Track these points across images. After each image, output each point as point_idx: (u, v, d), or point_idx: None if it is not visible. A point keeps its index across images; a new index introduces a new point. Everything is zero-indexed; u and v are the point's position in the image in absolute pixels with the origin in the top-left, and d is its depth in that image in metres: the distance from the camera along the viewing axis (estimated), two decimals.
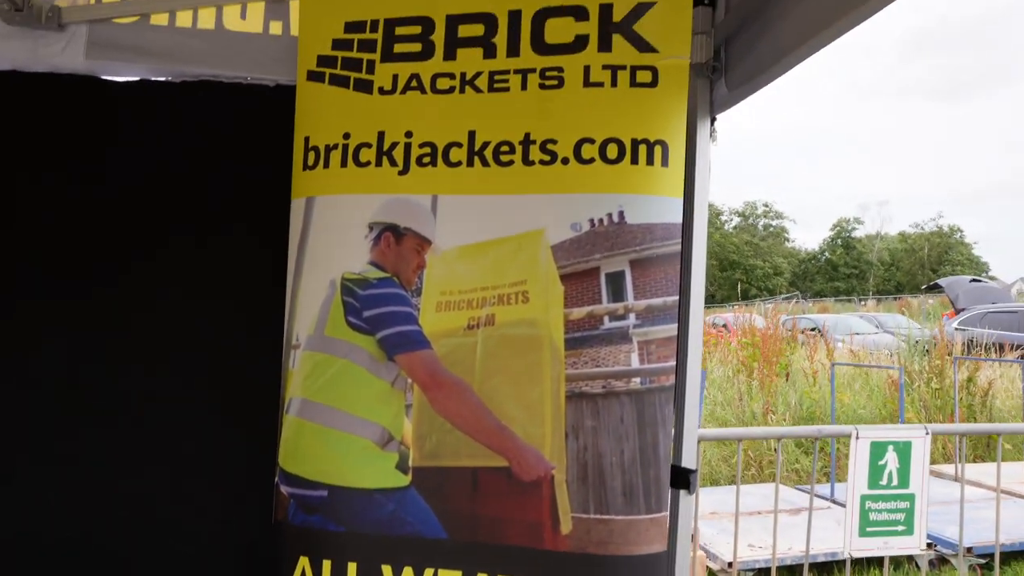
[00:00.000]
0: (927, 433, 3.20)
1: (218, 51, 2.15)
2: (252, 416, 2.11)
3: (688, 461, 2.13)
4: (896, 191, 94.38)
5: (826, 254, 56.76)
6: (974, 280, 19.84)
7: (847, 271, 54.48)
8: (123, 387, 2.12)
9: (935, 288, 22.59)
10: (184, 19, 2.15)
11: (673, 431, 1.88)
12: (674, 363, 1.83)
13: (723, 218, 59.28)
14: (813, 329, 19.57)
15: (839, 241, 56.50)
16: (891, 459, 3.17)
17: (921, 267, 52.52)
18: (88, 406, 2.11)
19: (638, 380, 1.79)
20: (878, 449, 3.16)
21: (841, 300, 42.28)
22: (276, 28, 2.16)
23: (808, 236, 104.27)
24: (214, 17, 2.15)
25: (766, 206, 60.54)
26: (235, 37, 2.15)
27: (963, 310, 16.66)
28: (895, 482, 3.18)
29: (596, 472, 1.80)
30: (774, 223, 60.17)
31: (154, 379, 2.13)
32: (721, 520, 5.87)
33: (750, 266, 53.28)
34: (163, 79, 2.18)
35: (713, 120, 2.15)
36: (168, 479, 2.12)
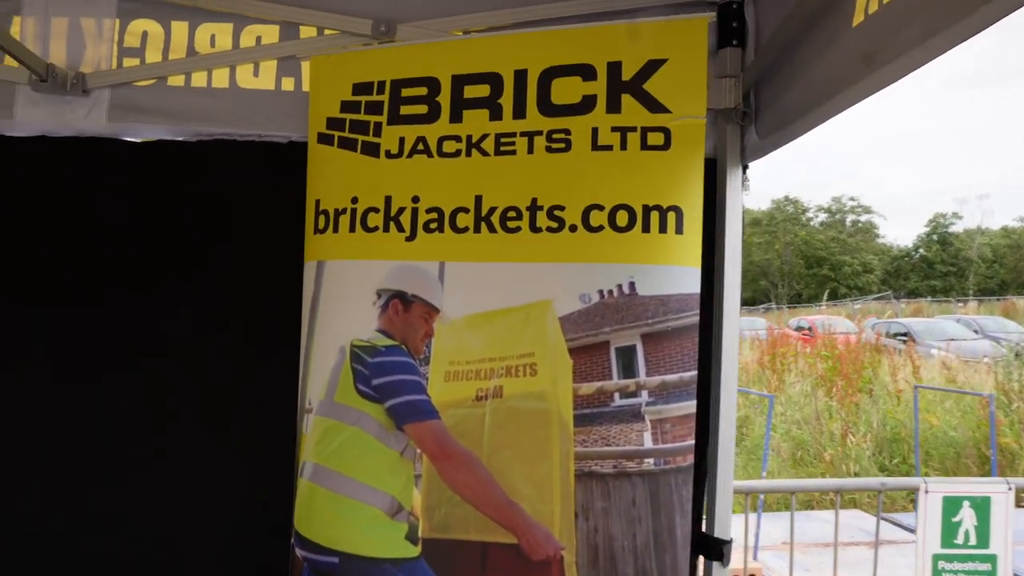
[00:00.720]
0: (1009, 488, 2.95)
1: (232, 109, 2.19)
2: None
3: (721, 531, 2.05)
4: (997, 184, 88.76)
5: (921, 251, 53.96)
6: None
7: (944, 269, 51.64)
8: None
9: None
10: (199, 79, 2.20)
11: (692, 512, 1.80)
12: (691, 443, 1.75)
13: (808, 215, 57.24)
14: (904, 334, 18.67)
15: (935, 237, 53.64)
16: (967, 516, 2.94)
17: None
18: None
19: (651, 461, 1.72)
20: (951, 505, 2.93)
21: (938, 300, 40.13)
22: (288, 84, 2.20)
23: (900, 233, 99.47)
24: (228, 76, 2.20)
25: (853, 200, 58.13)
26: (248, 95, 2.20)
27: None
28: (973, 541, 2.95)
29: (607, 556, 1.74)
30: (862, 218, 57.65)
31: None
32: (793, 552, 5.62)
33: (837, 262, 51.28)
34: (180, 139, 2.22)
35: (745, 168, 2.05)
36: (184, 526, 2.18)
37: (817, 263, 51.56)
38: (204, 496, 2.15)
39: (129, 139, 2.24)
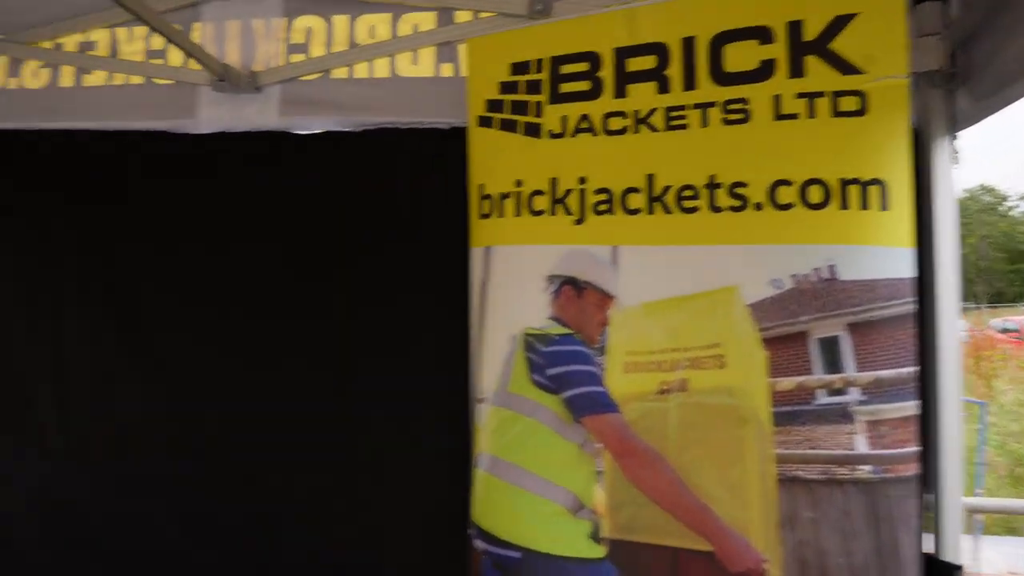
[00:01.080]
0: None
1: (394, 98, 2.27)
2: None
3: (951, 554, 1.83)
4: None
5: None
6: None
7: None
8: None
9: None
10: (361, 70, 2.30)
11: (920, 525, 1.59)
12: (914, 449, 1.54)
13: (1008, 203, 51.66)
14: None
15: None
16: None
17: None
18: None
19: (867, 468, 1.54)
20: None
21: None
22: (447, 70, 2.25)
23: None
24: (389, 66, 2.27)
25: None
26: (409, 83, 2.27)
27: None
28: None
29: (820, 573, 1.58)
30: None
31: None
32: None
33: None
34: (346, 129, 2.32)
35: (954, 139, 1.85)
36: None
37: (1021, 258, 46.51)
38: (372, 488, 2.26)
39: (299, 132, 2.37)
